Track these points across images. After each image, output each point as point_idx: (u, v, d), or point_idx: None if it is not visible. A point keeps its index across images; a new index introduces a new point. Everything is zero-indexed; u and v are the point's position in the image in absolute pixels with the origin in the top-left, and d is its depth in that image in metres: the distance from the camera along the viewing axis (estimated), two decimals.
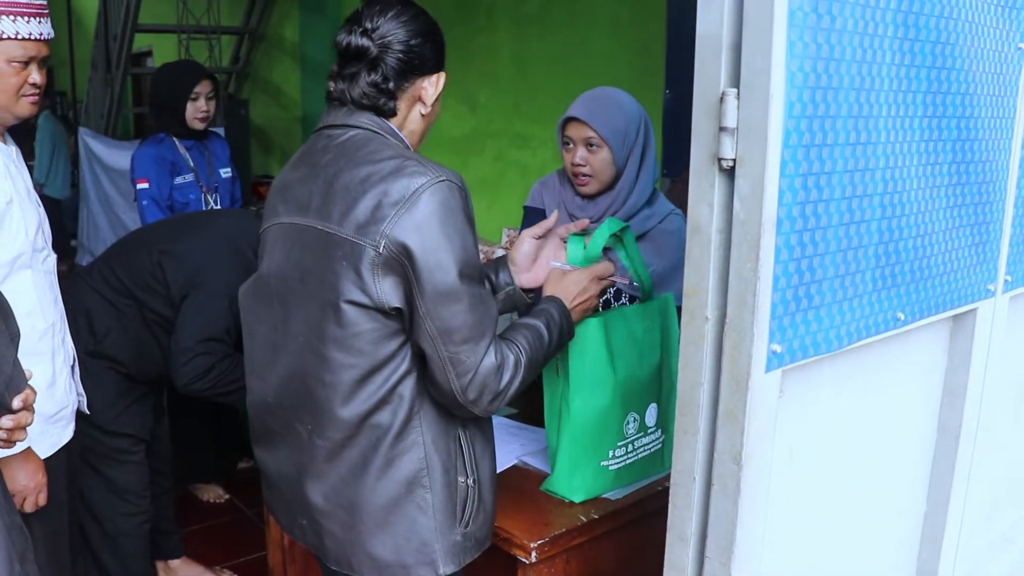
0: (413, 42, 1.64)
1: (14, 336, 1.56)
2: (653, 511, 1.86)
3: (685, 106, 1.23)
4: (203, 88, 3.74)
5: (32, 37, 2.01)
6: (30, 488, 2.04)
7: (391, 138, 1.65)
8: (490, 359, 1.56)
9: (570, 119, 2.27)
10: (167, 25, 8.44)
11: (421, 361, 1.58)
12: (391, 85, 1.64)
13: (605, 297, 2.42)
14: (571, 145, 2.30)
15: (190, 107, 3.72)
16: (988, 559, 1.93)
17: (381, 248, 1.50)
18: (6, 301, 1.57)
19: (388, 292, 1.52)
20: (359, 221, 1.52)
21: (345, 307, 1.54)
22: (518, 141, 5.16)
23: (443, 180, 1.51)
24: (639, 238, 2.34)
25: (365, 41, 1.63)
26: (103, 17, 8.47)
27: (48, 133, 7.52)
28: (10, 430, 1.51)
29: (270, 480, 1.82)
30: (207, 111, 3.77)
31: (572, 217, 2.39)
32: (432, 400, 1.61)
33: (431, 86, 1.69)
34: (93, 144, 7.33)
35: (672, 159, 3.67)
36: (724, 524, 1.26)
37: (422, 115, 1.71)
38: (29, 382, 1.57)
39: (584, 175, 2.29)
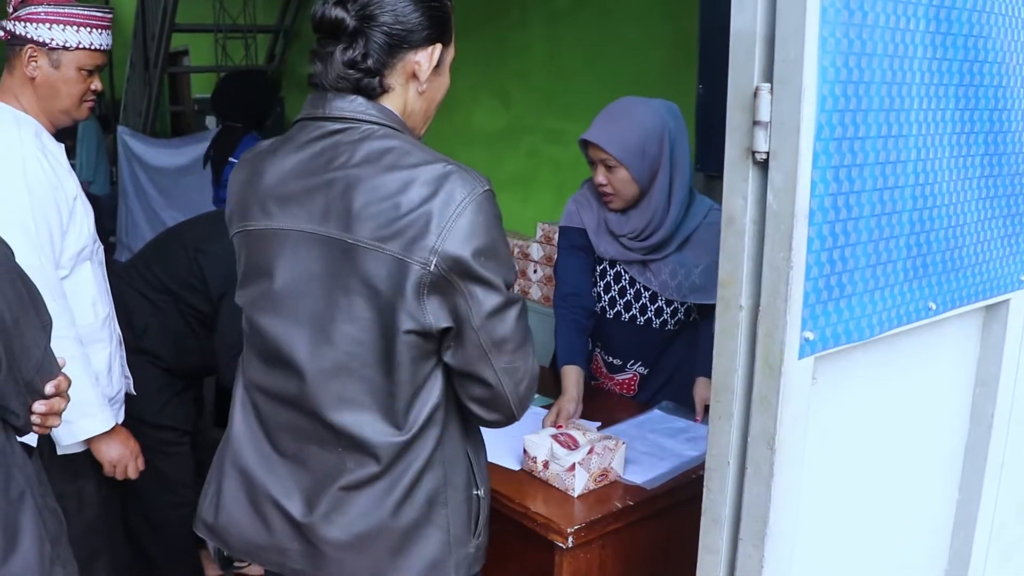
0: (399, 10, 1.46)
1: (46, 324, 1.59)
2: (687, 498, 1.88)
3: (718, 101, 1.27)
4: None
5: (101, 48, 2.14)
6: (127, 456, 2.19)
7: (401, 130, 1.50)
8: (535, 364, 1.54)
9: (586, 142, 2.28)
10: (204, 24, 8.53)
11: (449, 380, 1.52)
12: (371, 62, 1.46)
13: (641, 303, 2.45)
14: (594, 165, 2.31)
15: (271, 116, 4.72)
16: (1021, 551, 1.94)
17: (432, 266, 1.38)
18: (37, 290, 1.61)
19: (434, 312, 1.42)
20: (402, 236, 1.39)
21: (388, 330, 1.44)
22: (551, 136, 5.17)
23: (486, 189, 1.42)
24: (685, 242, 2.36)
25: (339, 12, 1.45)
26: (140, 17, 8.57)
27: (93, 132, 7.65)
28: (44, 415, 1.54)
29: (234, 501, 1.62)
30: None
31: (611, 234, 2.41)
32: (452, 416, 1.55)
33: (425, 60, 1.50)
34: (132, 142, 7.45)
35: (705, 154, 3.67)
36: (758, 507, 1.29)
37: (419, 93, 1.53)
38: (65, 368, 1.62)
39: (608, 193, 2.32)
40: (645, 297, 2.45)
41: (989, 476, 1.73)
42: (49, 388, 1.54)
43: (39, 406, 1.53)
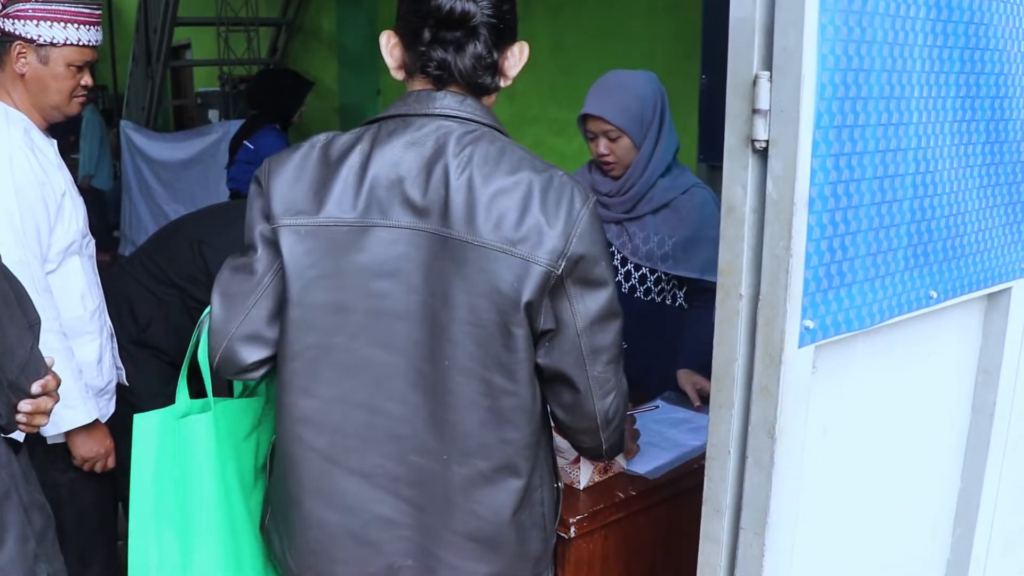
0: (505, 7, 1.49)
1: (33, 323, 1.59)
2: (689, 488, 1.88)
3: (721, 92, 1.26)
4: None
5: (90, 44, 2.17)
6: (100, 454, 2.23)
7: (505, 133, 1.51)
8: (625, 383, 1.53)
9: (587, 115, 2.37)
10: (206, 18, 8.54)
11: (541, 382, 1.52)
12: (495, 55, 1.49)
13: (626, 269, 2.50)
14: (594, 138, 2.39)
15: (298, 112, 5.01)
16: (1023, 540, 1.94)
17: (560, 269, 1.41)
18: (24, 288, 1.61)
19: (546, 313, 1.44)
20: (529, 240, 1.40)
21: (506, 330, 1.42)
22: (555, 127, 5.18)
23: (595, 198, 1.47)
24: (660, 208, 2.44)
25: (471, 6, 1.44)
26: (143, 11, 8.58)
27: (96, 126, 7.67)
28: (30, 414, 1.54)
29: (330, 535, 1.55)
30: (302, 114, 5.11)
31: (595, 192, 2.48)
32: (545, 414, 1.56)
33: (513, 57, 1.53)
34: (135, 136, 7.47)
35: (709, 144, 3.68)
36: (758, 496, 1.29)
37: (499, 88, 1.56)
38: (56, 364, 1.62)
39: (610, 163, 2.41)
40: (616, 260, 2.52)
41: (991, 465, 1.73)
42: (35, 388, 1.53)
43: (25, 405, 1.53)
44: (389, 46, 1.53)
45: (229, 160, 5.10)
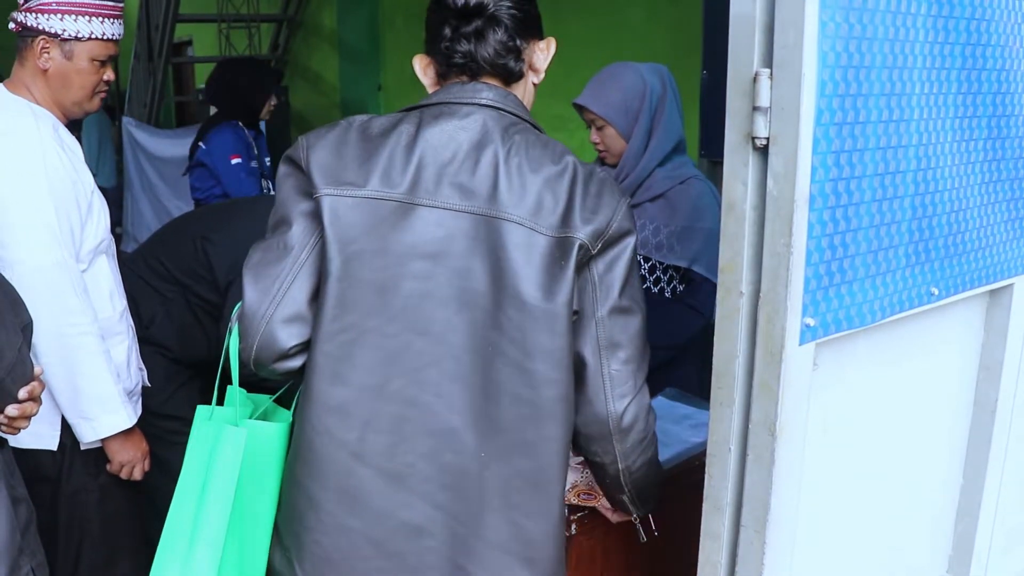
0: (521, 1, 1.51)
1: (26, 325, 1.55)
2: (689, 485, 1.88)
3: (722, 88, 1.26)
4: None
5: (113, 37, 2.14)
6: (137, 458, 2.20)
7: (541, 130, 1.53)
8: (647, 395, 1.48)
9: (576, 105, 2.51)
10: (207, 14, 8.54)
11: None
12: (518, 42, 1.49)
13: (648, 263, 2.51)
14: (589, 126, 2.53)
15: (266, 104, 4.41)
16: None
17: (596, 248, 1.42)
18: (14, 290, 1.58)
19: (576, 295, 1.44)
20: (576, 221, 1.41)
21: (558, 311, 1.40)
22: (556, 123, 5.16)
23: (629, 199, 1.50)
24: (656, 198, 2.48)
25: None
26: (144, 8, 8.59)
27: (96, 123, 7.68)
28: (13, 418, 1.52)
29: (352, 543, 1.46)
30: (273, 107, 4.51)
31: None
32: None
33: (541, 52, 1.56)
34: (137, 133, 7.48)
35: (710, 140, 3.67)
36: (759, 493, 1.29)
37: (534, 84, 1.58)
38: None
39: (600, 150, 2.53)
40: None
41: (993, 461, 1.72)
42: (23, 393, 1.51)
43: (12, 410, 1.51)
44: (423, 67, 1.56)
45: (187, 167, 4.57)
